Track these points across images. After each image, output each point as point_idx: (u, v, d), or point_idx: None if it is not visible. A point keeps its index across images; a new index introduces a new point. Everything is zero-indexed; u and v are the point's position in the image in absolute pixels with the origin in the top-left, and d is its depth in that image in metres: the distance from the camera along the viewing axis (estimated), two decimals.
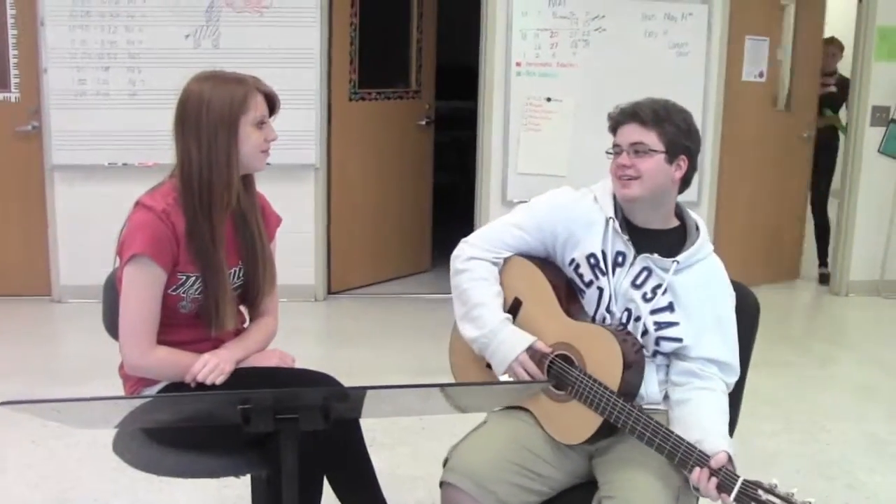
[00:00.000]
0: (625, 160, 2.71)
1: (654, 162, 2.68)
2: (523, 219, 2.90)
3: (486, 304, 2.81)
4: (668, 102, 2.76)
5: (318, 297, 6.96)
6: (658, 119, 2.69)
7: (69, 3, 6.41)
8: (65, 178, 6.68)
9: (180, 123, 2.74)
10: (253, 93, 2.77)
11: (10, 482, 4.10)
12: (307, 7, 6.54)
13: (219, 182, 2.72)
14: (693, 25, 6.68)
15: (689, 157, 2.73)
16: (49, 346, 6.17)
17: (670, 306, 2.71)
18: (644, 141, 2.68)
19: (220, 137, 2.70)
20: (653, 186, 2.71)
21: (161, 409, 2.32)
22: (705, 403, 2.64)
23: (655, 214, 2.78)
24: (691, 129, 2.74)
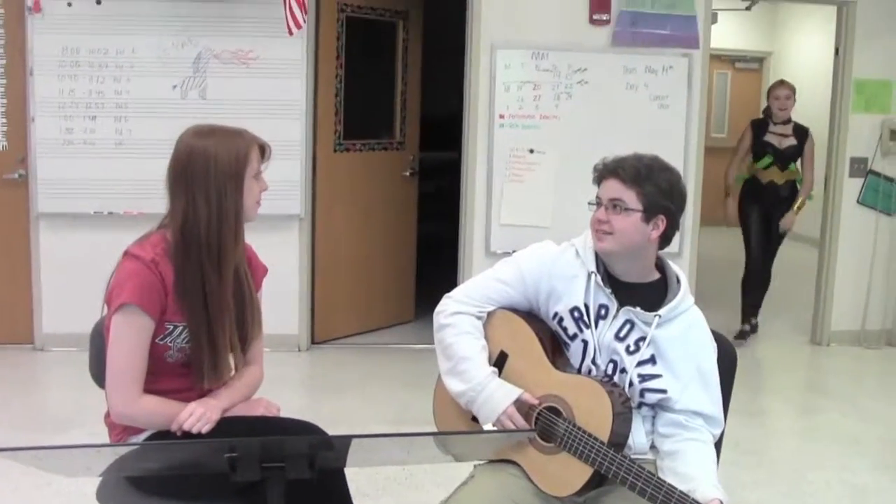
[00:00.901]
0: (602, 215, 2.75)
1: (631, 220, 2.71)
2: (506, 273, 2.92)
3: (471, 358, 2.82)
4: (653, 161, 2.76)
5: (301, 346, 6.96)
6: (639, 178, 2.71)
7: (58, 53, 6.46)
8: (50, 226, 6.69)
9: (184, 178, 2.76)
10: (253, 145, 2.84)
11: None
12: (293, 59, 6.61)
13: (229, 235, 2.77)
14: (674, 78, 6.76)
15: (669, 217, 2.74)
16: (31, 393, 6.14)
17: (652, 359, 2.74)
18: (623, 198, 2.71)
19: (229, 192, 2.75)
20: (627, 243, 2.74)
21: (147, 456, 2.33)
22: (694, 453, 2.66)
23: (634, 268, 2.81)
24: (674, 189, 2.74)
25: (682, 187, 2.78)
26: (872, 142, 7.34)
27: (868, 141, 7.35)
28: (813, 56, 11.52)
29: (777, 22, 13.06)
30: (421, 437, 2.28)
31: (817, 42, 11.20)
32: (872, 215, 7.43)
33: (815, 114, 8.19)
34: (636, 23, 6.70)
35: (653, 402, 2.76)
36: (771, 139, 7.27)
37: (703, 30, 6.81)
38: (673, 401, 2.72)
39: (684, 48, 6.78)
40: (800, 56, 12.35)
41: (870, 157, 7.35)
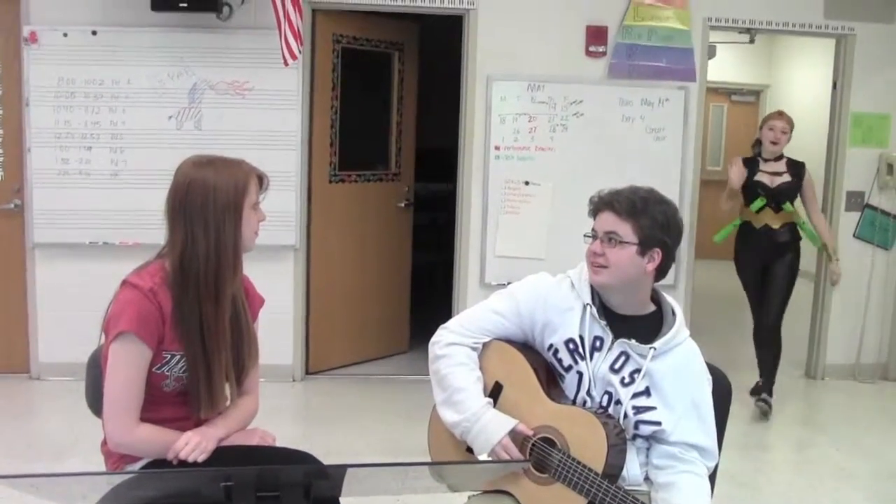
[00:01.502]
0: (597, 248, 2.76)
1: (626, 253, 2.72)
2: (502, 304, 2.93)
3: (466, 388, 2.83)
4: (649, 194, 2.76)
5: (296, 377, 6.95)
6: (634, 211, 2.71)
7: (54, 84, 6.48)
8: (46, 255, 6.69)
9: (182, 209, 2.76)
10: (251, 176, 2.85)
11: None
12: (288, 90, 6.63)
13: (227, 267, 2.77)
14: (669, 111, 6.79)
15: (664, 250, 2.74)
16: (28, 422, 6.12)
17: (647, 391, 2.74)
18: (618, 231, 2.72)
19: (228, 223, 2.76)
20: (622, 276, 2.74)
21: (143, 485, 2.33)
22: (688, 486, 2.67)
23: (629, 300, 2.81)
24: (670, 222, 2.74)
25: (678, 220, 2.78)
26: (869, 176, 7.35)
27: (865, 175, 7.36)
28: (810, 89, 11.55)
29: (774, 55, 13.11)
30: (415, 468, 2.28)
31: (815, 75, 11.23)
32: (869, 249, 7.44)
33: (812, 147, 8.18)
34: (633, 55, 6.74)
35: (647, 435, 2.75)
36: (762, 178, 6.46)
37: (699, 62, 6.86)
38: (667, 433, 2.72)
39: (681, 80, 6.82)
40: (797, 89, 12.38)
41: (867, 191, 7.35)
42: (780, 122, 6.46)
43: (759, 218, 6.52)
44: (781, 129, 6.44)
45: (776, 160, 6.49)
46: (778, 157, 6.49)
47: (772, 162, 6.48)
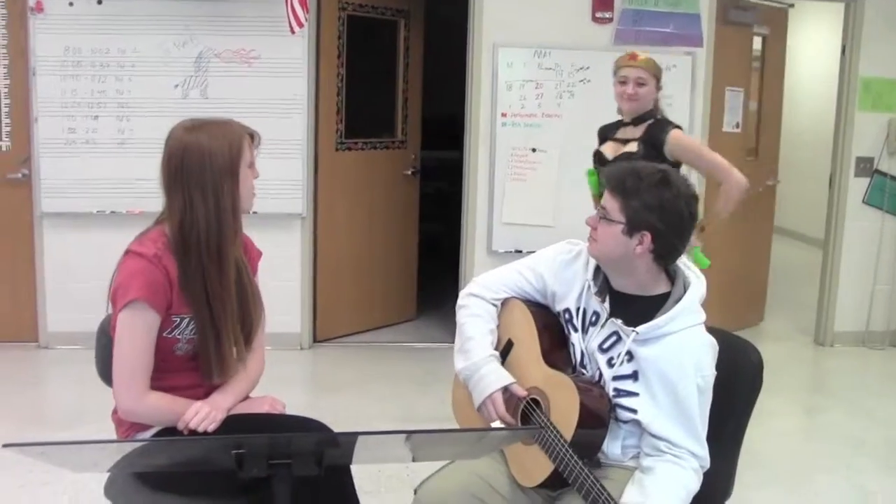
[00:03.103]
0: (591, 220, 2.74)
1: (612, 231, 2.65)
2: (525, 265, 2.96)
3: (475, 338, 2.88)
4: (653, 175, 2.66)
5: (303, 345, 6.96)
6: (625, 190, 2.64)
7: (60, 53, 6.47)
8: (53, 225, 6.70)
9: (179, 176, 2.75)
10: (244, 135, 2.83)
11: None
12: (294, 58, 6.61)
13: (228, 230, 2.76)
14: (677, 76, 6.75)
15: (655, 234, 2.62)
16: (37, 391, 6.16)
17: (634, 375, 2.68)
18: (607, 207, 2.68)
19: (226, 186, 2.74)
20: (607, 253, 2.70)
21: (155, 453, 2.34)
22: (665, 475, 2.60)
23: (626, 281, 2.74)
24: (664, 207, 2.61)
25: (678, 207, 2.62)
26: (879, 141, 7.31)
27: (874, 140, 7.32)
28: (820, 54, 11.46)
29: None
30: (424, 434, 2.28)
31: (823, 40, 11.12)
32: (878, 215, 7.40)
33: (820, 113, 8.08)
34: (639, 21, 6.71)
35: (625, 420, 2.69)
36: (605, 148, 4.81)
37: (706, 28, 6.81)
38: (644, 424, 2.65)
39: (688, 46, 6.78)
40: (806, 54, 12.29)
41: (876, 157, 7.32)
42: (633, 70, 4.66)
43: None
44: (637, 79, 4.66)
45: (636, 123, 4.72)
46: (641, 118, 4.71)
47: (630, 126, 4.75)
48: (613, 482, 2.62)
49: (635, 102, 4.66)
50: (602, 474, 2.65)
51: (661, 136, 4.59)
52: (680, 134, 4.64)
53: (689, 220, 2.66)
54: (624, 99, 4.69)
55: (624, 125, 4.76)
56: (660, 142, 4.57)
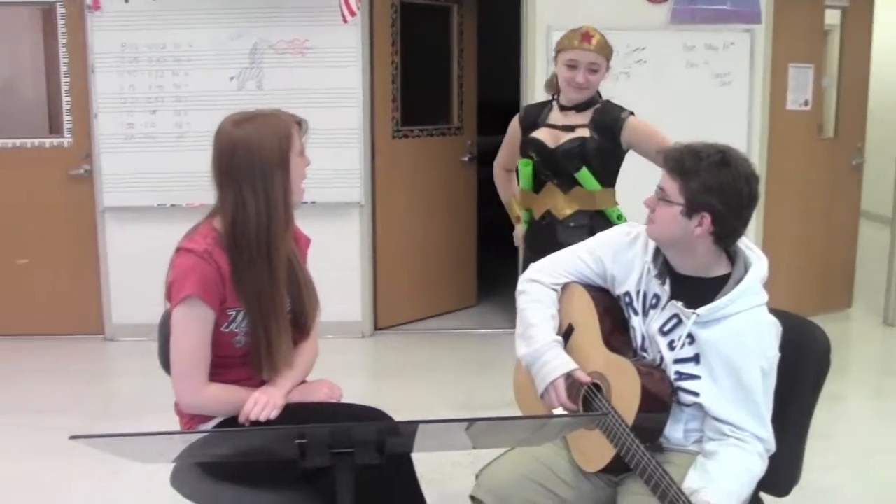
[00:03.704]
0: (650, 202, 2.70)
1: (670, 212, 2.62)
2: (586, 250, 2.94)
3: (537, 324, 2.87)
4: (713, 155, 2.59)
5: (364, 333, 6.99)
6: (683, 171, 2.59)
7: (118, 50, 6.54)
8: (116, 219, 6.80)
9: (229, 171, 2.76)
10: (292, 125, 2.82)
11: None
12: (348, 47, 6.62)
13: (277, 222, 2.76)
14: (735, 55, 6.68)
15: (715, 216, 2.57)
16: (103, 383, 6.26)
17: (696, 358, 2.65)
18: (666, 189, 2.64)
19: (276, 178, 2.74)
20: (666, 234, 2.67)
21: (219, 443, 2.36)
22: (728, 460, 2.56)
23: (686, 262, 2.70)
24: (724, 188, 2.56)
25: (737, 188, 2.57)
26: None
27: None
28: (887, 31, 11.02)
29: None
30: (485, 422, 2.28)
31: None
32: None
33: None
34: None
35: (687, 404, 2.67)
36: (541, 134, 4.13)
37: (765, 3, 6.72)
38: (706, 407, 2.62)
39: (746, 23, 6.69)
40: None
41: None
42: (586, 55, 4.00)
43: (540, 201, 4.18)
44: (589, 64, 4.01)
45: (578, 109, 4.11)
46: (585, 105, 4.11)
47: (570, 111, 4.11)
48: (676, 466, 2.60)
49: (585, 91, 4.03)
50: (664, 459, 2.63)
51: (616, 123, 4.03)
52: (638, 121, 4.09)
53: (750, 201, 2.61)
54: (572, 87, 4.00)
55: (564, 109, 4.10)
56: (615, 129, 4.03)
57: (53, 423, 5.20)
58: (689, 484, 2.51)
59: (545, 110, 4.16)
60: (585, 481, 2.77)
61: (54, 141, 6.82)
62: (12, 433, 5.11)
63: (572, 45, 4.00)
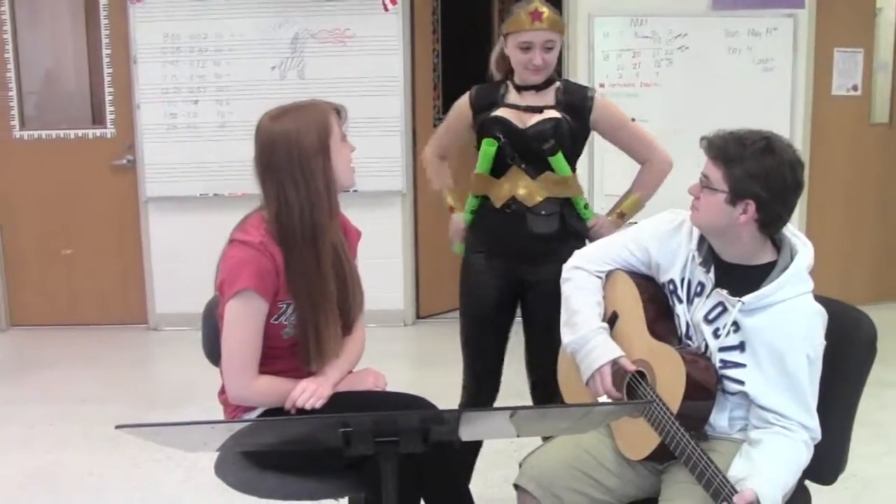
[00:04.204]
0: (694, 189, 2.68)
1: (714, 200, 2.59)
2: (630, 238, 2.93)
3: (582, 311, 2.86)
4: (757, 142, 2.57)
5: (407, 321, 7.00)
6: (727, 158, 2.57)
7: (160, 41, 6.59)
8: (159, 209, 6.85)
9: (270, 166, 2.77)
10: (329, 113, 2.82)
11: None
12: (389, 36, 6.62)
13: (321, 211, 2.76)
14: (778, 40, 6.62)
15: (759, 203, 2.54)
16: (147, 372, 6.32)
17: (741, 346, 2.63)
18: (709, 176, 2.61)
19: (317, 167, 2.74)
20: (710, 222, 2.64)
21: (263, 432, 2.37)
22: (773, 448, 2.54)
23: (731, 250, 2.68)
24: (770, 176, 2.53)
25: (782, 174, 2.54)
26: None
27: None
28: None
29: None
30: (528, 411, 2.28)
31: None
32: None
33: None
34: None
35: (732, 392, 2.65)
36: (505, 113, 3.67)
37: None
38: (752, 396, 2.60)
39: (789, 8, 6.62)
40: None
41: None
42: (539, 34, 3.56)
43: (502, 186, 3.73)
44: (544, 43, 3.57)
45: (538, 89, 3.67)
46: (544, 84, 3.67)
47: (528, 92, 3.68)
48: (720, 455, 2.58)
49: (543, 72, 3.62)
50: (709, 447, 2.61)
51: (584, 102, 3.67)
52: (604, 99, 3.78)
53: (795, 188, 2.58)
54: (529, 70, 3.59)
55: (523, 90, 3.68)
56: (584, 108, 3.66)
57: (98, 413, 5.25)
58: (735, 472, 2.49)
59: (501, 90, 3.74)
60: (629, 469, 2.76)
61: (97, 132, 6.88)
62: (58, 423, 5.16)
63: (523, 25, 3.57)
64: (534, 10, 3.57)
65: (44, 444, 4.86)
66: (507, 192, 3.67)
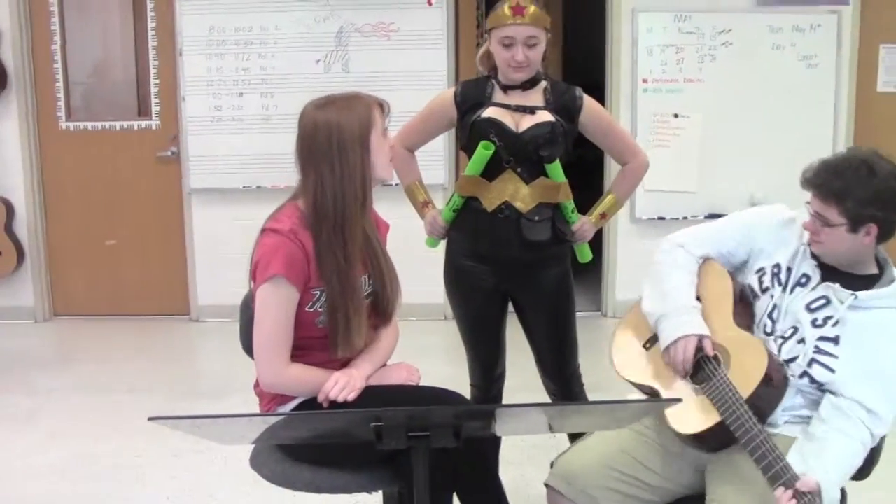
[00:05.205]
0: (810, 226, 2.72)
1: (836, 234, 2.65)
2: (736, 221, 2.98)
3: (680, 287, 2.88)
4: (856, 170, 2.62)
5: (447, 315, 7.00)
6: (838, 195, 2.61)
7: (205, 33, 6.64)
8: (202, 201, 6.90)
9: (311, 153, 2.80)
10: (373, 106, 2.85)
11: (151, 493, 4.27)
12: (433, 29, 6.64)
13: (353, 200, 2.78)
14: (822, 36, 6.56)
15: (879, 223, 2.62)
16: (188, 363, 6.37)
17: (836, 339, 2.68)
18: (825, 215, 2.65)
19: (355, 158, 2.77)
20: (838, 252, 2.70)
21: (297, 425, 2.39)
22: (833, 446, 2.57)
23: (842, 259, 2.75)
24: (880, 196, 2.59)
25: (891, 189, 2.61)
26: None
27: None
28: None
29: None
30: (560, 406, 2.28)
31: None
32: None
33: None
34: None
35: (818, 379, 2.68)
36: (495, 114, 3.53)
37: None
38: (838, 384, 2.64)
39: (833, 4, 6.56)
40: None
41: None
42: (521, 29, 3.47)
43: (493, 191, 3.57)
44: (526, 39, 3.49)
45: (524, 87, 3.58)
46: (530, 83, 3.59)
47: (515, 91, 3.57)
48: None
49: (527, 69, 3.52)
50: None
51: (574, 102, 3.59)
52: (592, 101, 3.66)
53: None
54: (512, 67, 3.49)
55: (510, 89, 3.57)
56: (574, 109, 3.57)
57: (139, 403, 5.32)
58: (792, 462, 2.51)
59: (487, 89, 3.59)
60: (670, 465, 2.76)
61: (142, 123, 6.95)
62: (99, 412, 5.22)
63: (504, 20, 3.47)
64: (515, 5, 3.48)
65: (85, 433, 4.92)
66: (499, 195, 3.54)
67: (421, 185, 3.83)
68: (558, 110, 3.55)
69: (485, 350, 3.88)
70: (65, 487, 4.31)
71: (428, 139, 3.85)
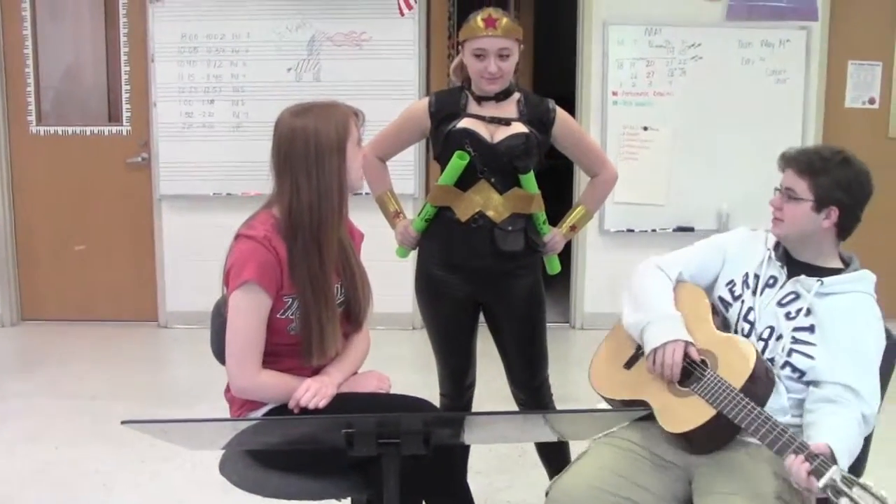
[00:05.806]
0: (776, 201, 2.89)
1: (801, 209, 2.81)
2: (706, 243, 3.12)
3: (663, 298, 2.96)
4: (834, 155, 2.84)
5: (415, 325, 7.01)
6: (813, 170, 2.81)
7: (178, 40, 6.63)
8: (172, 207, 6.89)
9: (287, 160, 2.81)
10: (350, 115, 2.87)
11: (117, 501, 4.24)
12: (405, 40, 6.66)
13: (328, 208, 2.80)
14: (791, 52, 6.63)
15: (842, 208, 2.80)
16: (156, 369, 6.34)
17: (811, 328, 2.80)
18: (794, 188, 2.83)
19: (332, 165, 2.78)
20: (797, 230, 2.85)
21: (268, 431, 2.40)
22: (829, 420, 2.64)
23: (809, 252, 2.90)
24: (851, 184, 2.80)
25: (860, 181, 2.83)
26: None
27: None
28: None
29: None
30: (530, 415, 2.30)
31: None
32: None
33: None
34: None
35: (799, 367, 2.77)
36: (470, 124, 3.55)
37: (821, 0, 6.66)
38: (818, 370, 2.73)
39: (802, 20, 6.64)
40: None
41: None
42: (493, 41, 3.49)
43: (466, 201, 3.58)
44: (499, 51, 3.50)
45: (498, 98, 3.59)
46: (503, 94, 3.60)
47: (489, 102, 3.59)
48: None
49: (499, 81, 3.54)
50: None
51: (547, 115, 3.62)
52: (564, 113, 3.69)
53: (869, 195, 2.84)
54: (485, 79, 3.51)
55: (484, 100, 3.58)
56: (547, 122, 3.61)
57: (107, 409, 5.28)
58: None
59: (461, 100, 3.61)
60: (663, 480, 2.77)
61: (113, 129, 6.92)
62: (67, 418, 5.19)
63: (477, 32, 3.49)
64: (487, 17, 3.51)
65: (52, 438, 4.89)
66: (472, 206, 3.56)
67: (392, 196, 3.84)
68: (532, 122, 3.58)
69: (455, 360, 3.84)
70: (31, 494, 4.28)
71: (401, 149, 3.84)
